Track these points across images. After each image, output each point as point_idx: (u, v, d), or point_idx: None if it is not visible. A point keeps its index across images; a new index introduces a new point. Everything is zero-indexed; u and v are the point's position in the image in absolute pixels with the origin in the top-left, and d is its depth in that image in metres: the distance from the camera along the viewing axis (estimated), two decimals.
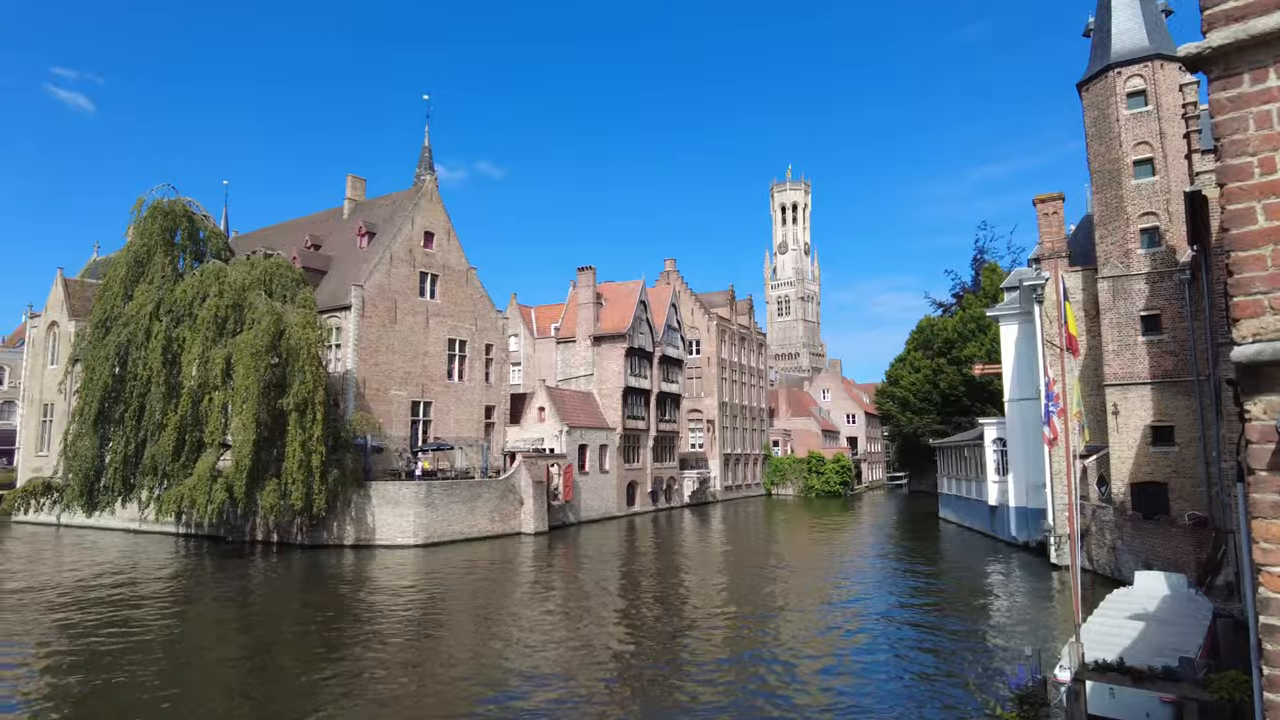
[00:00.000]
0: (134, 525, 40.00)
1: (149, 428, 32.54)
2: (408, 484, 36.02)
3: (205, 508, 31.30)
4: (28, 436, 53.36)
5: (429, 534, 35.39)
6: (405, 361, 40.68)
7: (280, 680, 15.54)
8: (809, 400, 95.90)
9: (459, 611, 22.32)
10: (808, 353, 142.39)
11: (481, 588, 26.30)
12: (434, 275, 43.09)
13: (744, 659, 16.50)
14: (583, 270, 54.52)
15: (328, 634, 19.21)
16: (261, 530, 36.81)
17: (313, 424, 32.08)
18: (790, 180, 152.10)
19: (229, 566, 30.55)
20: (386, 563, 30.90)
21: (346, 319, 38.73)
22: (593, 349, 53.05)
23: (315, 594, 25.58)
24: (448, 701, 14.06)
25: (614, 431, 50.90)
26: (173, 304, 33.69)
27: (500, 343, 47.02)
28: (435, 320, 42.68)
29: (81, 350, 35.68)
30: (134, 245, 36.13)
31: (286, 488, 31.59)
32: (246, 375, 31.14)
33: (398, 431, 39.51)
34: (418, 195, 43.83)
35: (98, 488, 33.68)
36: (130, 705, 13.76)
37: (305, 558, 32.53)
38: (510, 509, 39.87)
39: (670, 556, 34.73)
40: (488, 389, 45.60)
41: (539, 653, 17.25)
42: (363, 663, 16.49)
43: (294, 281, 36.01)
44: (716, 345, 69.00)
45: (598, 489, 48.75)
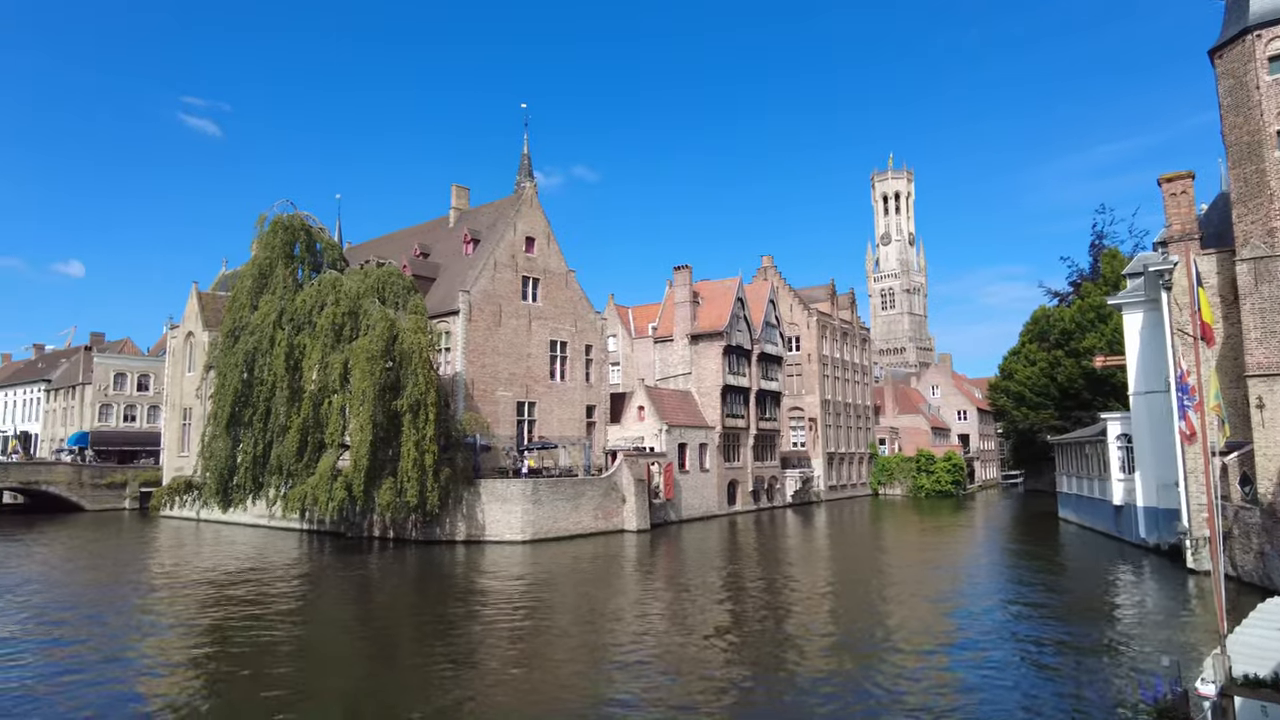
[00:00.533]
0: (263, 521, 42.68)
1: (275, 430, 34.59)
2: (515, 481, 37.01)
3: (326, 505, 33.08)
4: (170, 438, 57.81)
5: (536, 530, 36.22)
6: (510, 363, 41.80)
7: (397, 669, 16.23)
8: (917, 396, 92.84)
9: (567, 606, 22.74)
10: (914, 347, 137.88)
11: (588, 584, 26.71)
12: (535, 279, 44.09)
13: (851, 661, 16.12)
14: (679, 269, 54.58)
15: (442, 626, 19.95)
16: (378, 526, 38.60)
17: (425, 424, 33.40)
18: (892, 169, 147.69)
19: (349, 561, 32.18)
20: (496, 558, 31.82)
21: (455, 323, 40.13)
22: (690, 348, 53.02)
23: (430, 587, 26.62)
24: (557, 694, 14.34)
25: (713, 430, 50.72)
26: (294, 313, 35.69)
27: (599, 343, 47.65)
28: (537, 322, 43.66)
29: (214, 358, 38.29)
30: (258, 259, 38.54)
31: (402, 486, 33.01)
32: (363, 379, 32.70)
33: (504, 431, 40.63)
34: (518, 202, 44.94)
35: (231, 486, 36.01)
36: (261, 686, 14.68)
37: (419, 553, 33.88)
38: (613, 507, 40.34)
39: (774, 556, 34.33)
40: (588, 389, 46.28)
41: (646, 648, 17.37)
42: (475, 654, 17.04)
43: (405, 289, 37.56)
44: (817, 341, 67.72)
45: (698, 488, 48.70)
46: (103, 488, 59.72)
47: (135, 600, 23.72)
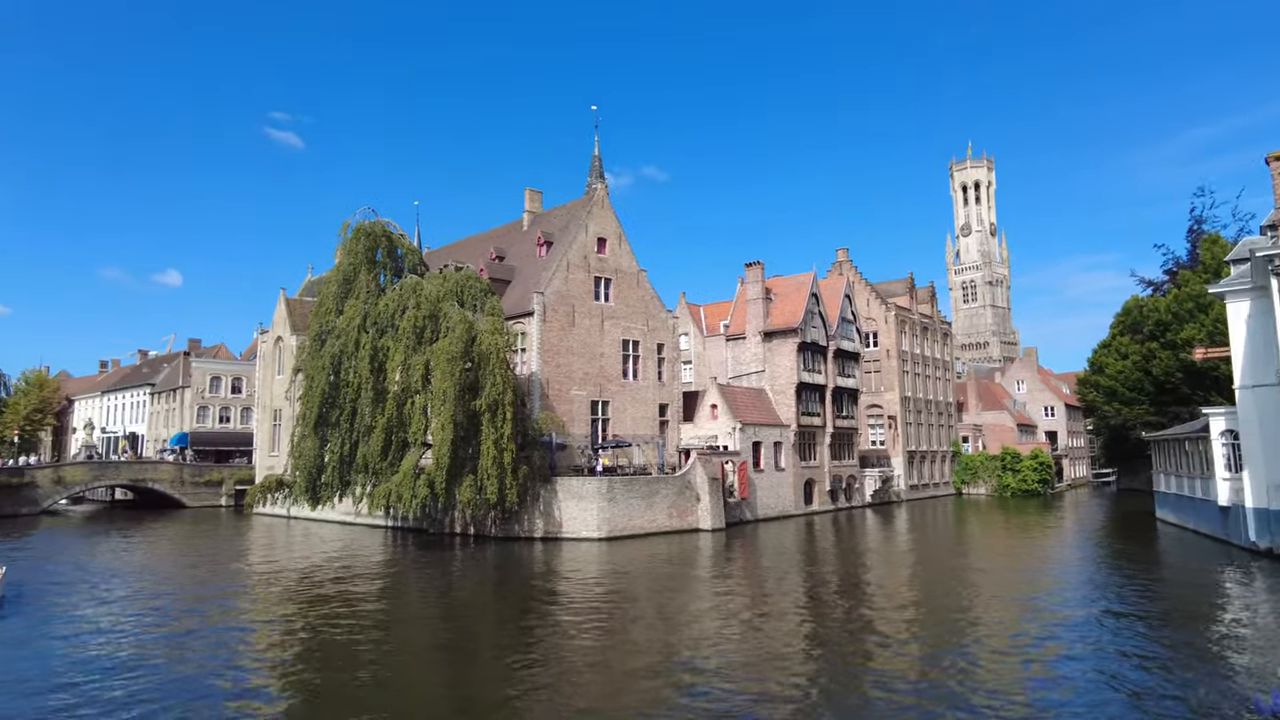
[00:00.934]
0: (349, 518, 44.25)
1: (360, 430, 35.78)
2: (590, 480, 37.38)
3: (410, 502, 34.07)
4: (262, 438, 60.53)
5: (611, 528, 36.50)
6: (584, 363, 42.24)
7: (477, 662, 16.61)
8: (1001, 392, 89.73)
9: (643, 604, 22.83)
10: (998, 341, 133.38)
11: (664, 582, 26.76)
12: (607, 279, 44.41)
13: (934, 666, 15.67)
14: (750, 266, 54.12)
15: (521, 620, 20.30)
16: (459, 523, 39.55)
17: (503, 423, 34.08)
18: (971, 159, 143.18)
19: (431, 556, 33.07)
20: (573, 555, 32.20)
21: (530, 324, 40.80)
22: (763, 345, 52.53)
23: (509, 583, 27.14)
24: (633, 691, 14.41)
25: (788, 428, 50.12)
26: (377, 316, 36.85)
27: (671, 341, 47.67)
28: (610, 322, 43.98)
29: (302, 361, 39.83)
30: (342, 265, 39.95)
31: (481, 483, 33.76)
32: (443, 379, 33.56)
33: (579, 429, 41.08)
34: (590, 203, 45.37)
35: (319, 484, 37.38)
36: (346, 674, 15.24)
37: (499, 549, 34.57)
38: (687, 505, 40.30)
39: (853, 556, 33.72)
40: (660, 387, 46.36)
41: (723, 647, 17.31)
42: (553, 649, 17.28)
43: (482, 291, 38.38)
44: (896, 336, 66.16)
45: (774, 487, 48.21)
46: (201, 486, 62.98)
47: (234, 592, 24.94)
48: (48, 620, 20.18)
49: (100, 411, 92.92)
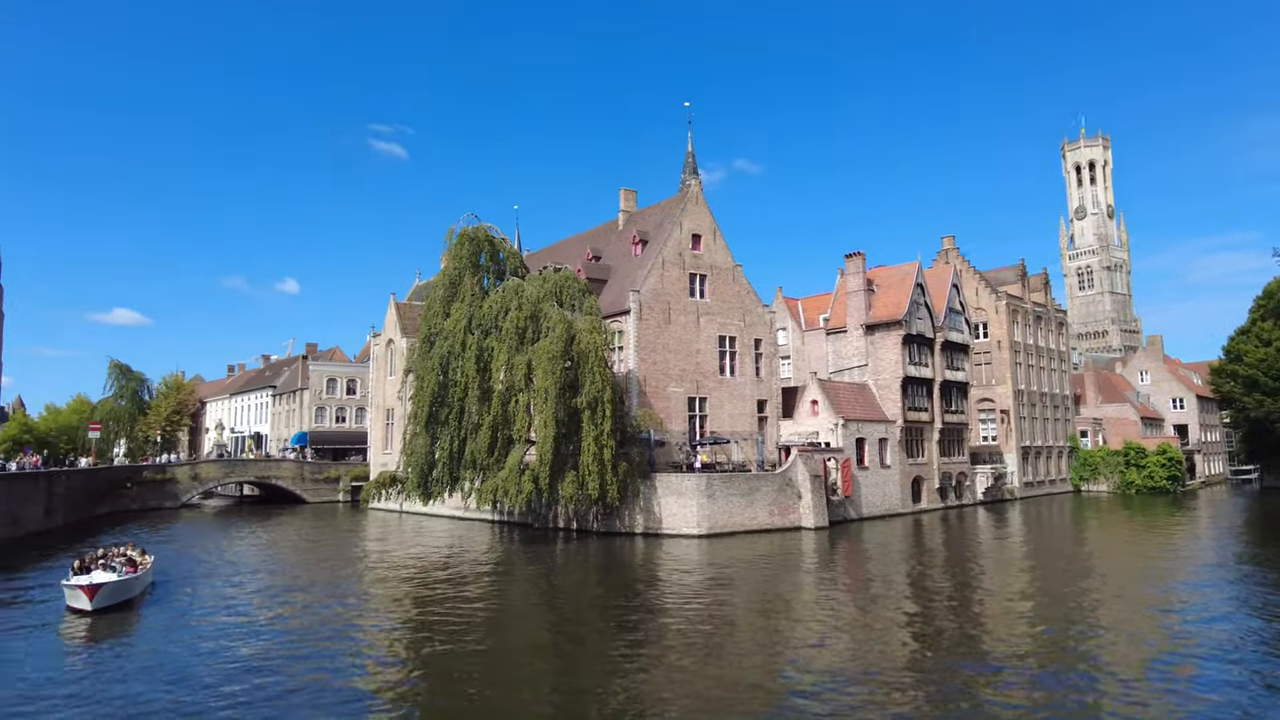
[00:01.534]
0: (459, 513, 45.79)
1: (468, 427, 36.96)
2: (689, 476, 37.41)
3: (515, 498, 34.98)
4: (375, 436, 63.39)
5: (711, 525, 36.41)
6: (680, 359, 42.29)
7: (582, 653, 16.92)
8: (1123, 384, 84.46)
9: (746, 601, 22.69)
10: (1118, 330, 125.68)
11: (766, 579, 26.51)
12: (702, 275, 44.30)
13: (1051, 676, 14.90)
14: (850, 257, 52.85)
15: (624, 615, 20.51)
16: (563, 518, 40.34)
17: (603, 420, 34.55)
18: (1085, 138, 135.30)
19: (536, 550, 33.87)
20: (674, 550, 32.31)
21: (626, 322, 41.18)
22: (866, 338, 51.21)
23: (611, 576, 27.48)
24: (735, 687, 14.33)
25: (893, 424, 48.71)
26: (481, 318, 37.98)
27: (769, 337, 47.10)
28: (705, 318, 43.86)
29: (412, 362, 41.46)
30: (448, 270, 41.38)
31: (583, 479, 34.34)
32: (545, 378, 34.30)
33: (676, 426, 41.17)
34: (684, 200, 45.36)
35: (430, 480, 38.80)
36: (458, 660, 15.79)
37: (601, 543, 35.06)
38: (788, 503, 39.77)
39: (964, 557, 32.48)
40: (758, 383, 45.89)
41: (827, 645, 17.01)
42: (655, 643, 17.38)
43: (580, 291, 38.99)
44: (1007, 327, 63.26)
45: (879, 484, 46.96)
46: (320, 482, 66.48)
47: (353, 584, 26.26)
48: (191, 607, 21.76)
49: (229, 413, 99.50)
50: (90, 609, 19.97)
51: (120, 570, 21.96)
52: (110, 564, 22.29)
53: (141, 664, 16.10)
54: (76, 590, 20.20)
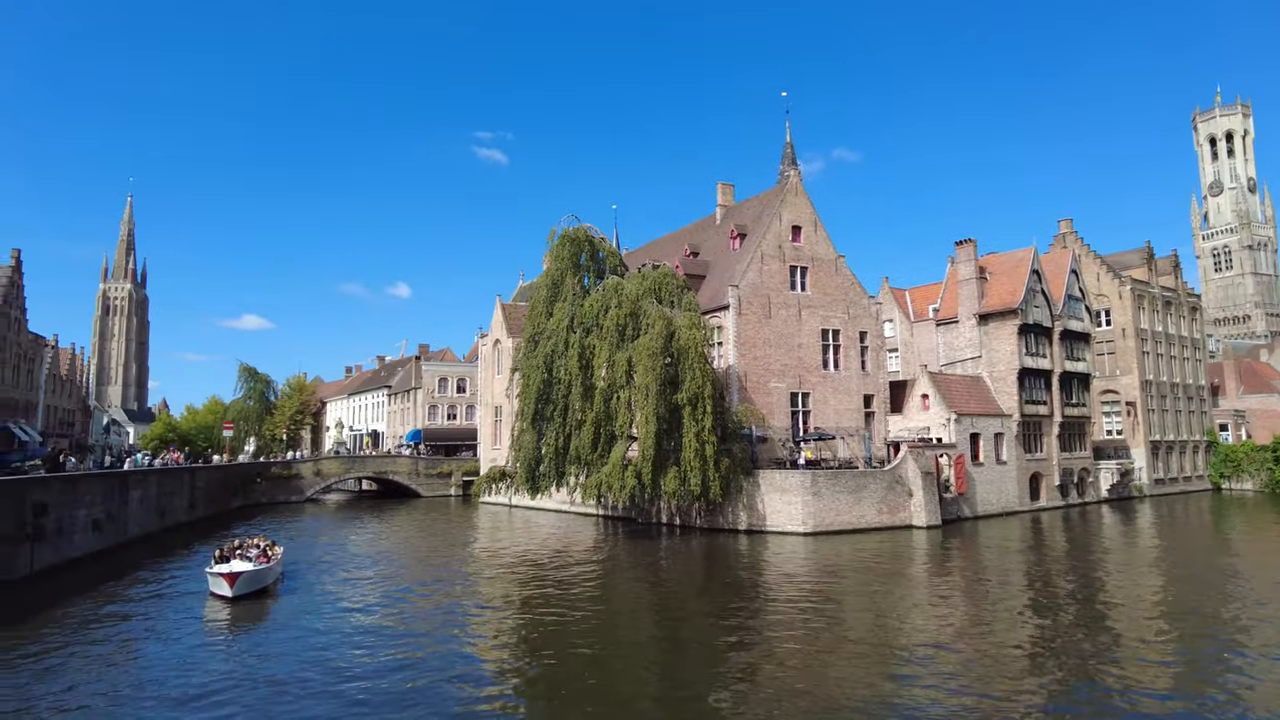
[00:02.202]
0: (565, 507, 46.70)
1: (572, 423, 37.61)
2: (794, 473, 36.88)
3: (619, 492, 35.39)
4: (484, 433, 65.42)
5: (817, 523, 35.78)
6: (781, 354, 41.70)
7: (687, 650, 16.94)
8: (1270, 372, 77.66)
9: (854, 601, 22.20)
10: (1262, 314, 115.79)
11: (876, 579, 25.83)
12: (803, 268, 43.52)
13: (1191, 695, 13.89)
14: (961, 244, 50.75)
15: (728, 612, 20.42)
16: (666, 513, 40.53)
17: (704, 416, 34.49)
18: (1220, 106, 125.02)
19: (640, 545, 34.17)
20: (778, 548, 31.94)
21: (726, 318, 40.94)
22: (978, 329, 49.09)
23: (715, 573, 27.42)
24: (841, 688, 14.03)
25: (1009, 418, 46.52)
26: (583, 317, 38.54)
27: (875, 329, 45.82)
28: (807, 311, 43.07)
29: (518, 361, 42.50)
30: (550, 270, 42.21)
31: (685, 475, 34.39)
32: (645, 374, 34.53)
33: (779, 422, 40.63)
34: (782, 192, 44.67)
35: (538, 475, 39.69)
36: (565, 653, 16.11)
37: (704, 540, 35.04)
38: (898, 501, 38.61)
39: (1089, 559, 30.69)
40: (865, 377, 44.71)
41: (942, 651, 16.43)
42: (761, 642, 17.23)
43: (679, 288, 39.02)
44: (1132, 313, 59.30)
45: (994, 481, 44.96)
46: (434, 477, 69.16)
47: (466, 575, 27.22)
48: (317, 597, 23.06)
49: (347, 411, 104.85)
50: (230, 595, 21.47)
51: (255, 560, 23.50)
52: (246, 554, 23.89)
53: (276, 646, 17.23)
54: (219, 578, 21.76)
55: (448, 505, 60.34)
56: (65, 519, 29.03)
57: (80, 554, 29.78)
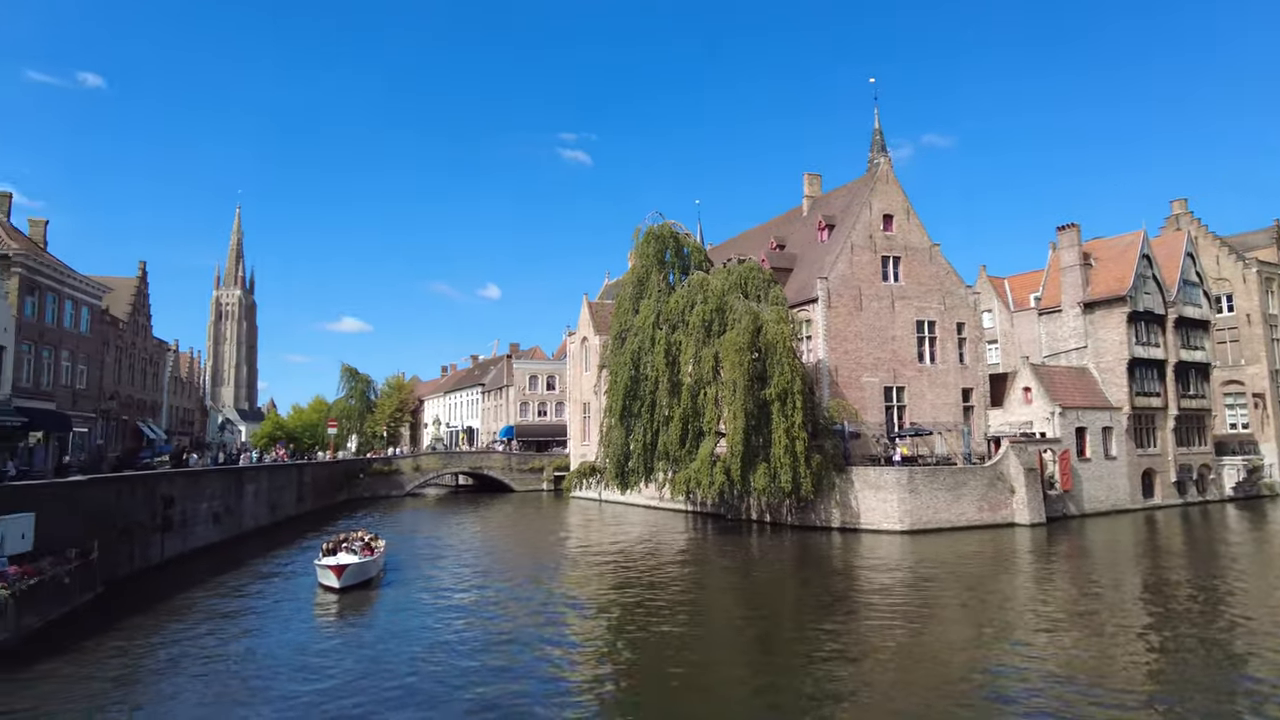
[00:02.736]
0: (654, 502, 46.93)
1: (660, 419, 37.76)
2: (889, 469, 35.97)
3: (708, 488, 35.32)
4: (574, 429, 66.40)
5: (913, 520, 34.80)
6: (874, 347, 40.69)
7: (779, 649, 16.74)
8: None
9: (953, 601, 21.50)
10: None
11: (976, 579, 24.92)
12: (895, 257, 42.32)
13: None
14: (1063, 229, 48.33)
15: (822, 611, 20.11)
16: (755, 510, 40.19)
17: (793, 411, 34.02)
18: None
19: (730, 541, 34.01)
20: (873, 546, 31.23)
21: (814, 311, 40.23)
22: (1084, 317, 46.66)
23: (807, 571, 27.04)
24: (941, 693, 13.59)
25: (1119, 411, 44.06)
26: (668, 313, 38.60)
27: (972, 320, 44.15)
28: (900, 303, 41.87)
29: (605, 358, 42.94)
30: (635, 268, 42.43)
31: (775, 471, 34.00)
32: (732, 370, 34.30)
33: (873, 417, 39.67)
34: (872, 180, 43.53)
35: (627, 470, 40.05)
36: (657, 649, 16.17)
37: (795, 537, 34.58)
38: (999, 498, 37.15)
39: (1212, 562, 28.72)
40: (962, 370, 43.15)
41: (1047, 657, 15.71)
42: (856, 643, 16.89)
43: (765, 282, 38.58)
44: (1259, 298, 55.12)
45: (1103, 477, 42.69)
46: (526, 472, 70.66)
47: (561, 569, 27.69)
48: (418, 589, 23.90)
49: (444, 409, 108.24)
50: (338, 587, 22.50)
51: (359, 553, 24.55)
52: (351, 547, 24.99)
53: (381, 634, 17.98)
54: (327, 570, 22.83)
55: (540, 500, 61.55)
56: (189, 511, 31.07)
57: (202, 544, 31.82)
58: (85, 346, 41.29)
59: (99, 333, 43.05)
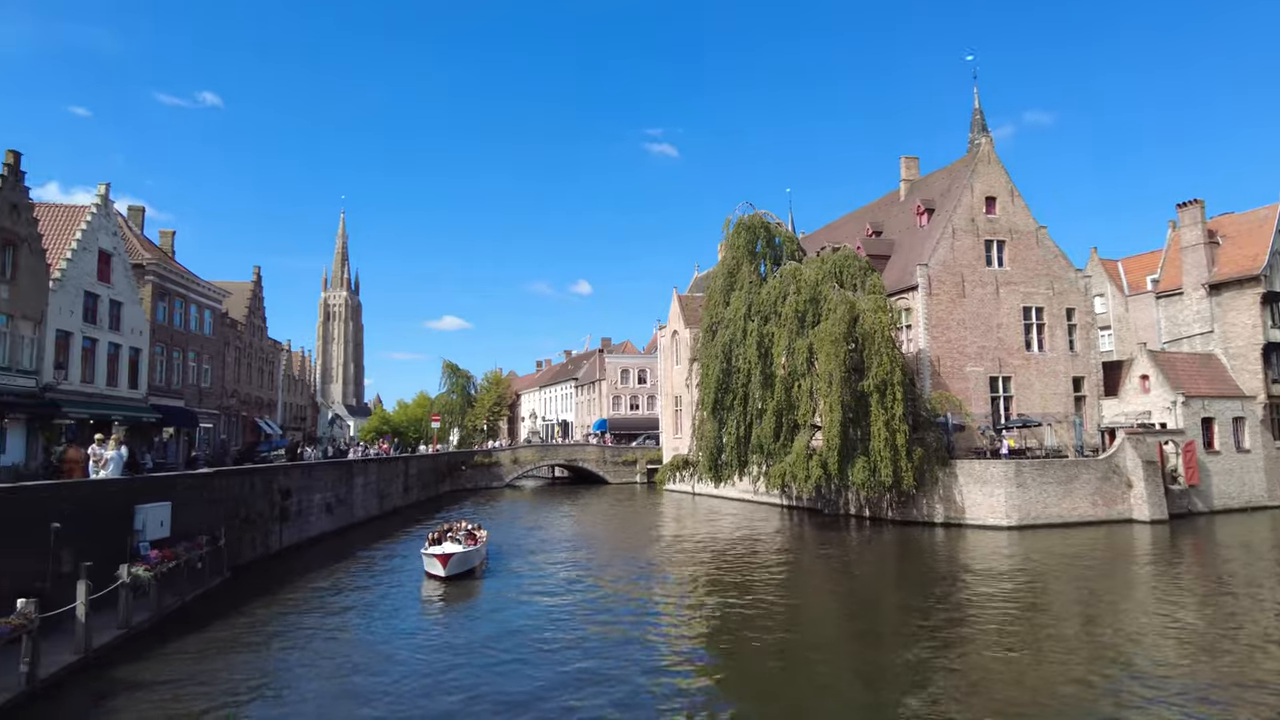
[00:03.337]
0: (748, 495, 46.58)
1: (753, 412, 37.39)
2: (995, 463, 34.58)
3: (804, 483, 34.76)
4: (665, 422, 66.61)
5: (1021, 516, 33.35)
6: (977, 336, 39.14)
7: (881, 648, 16.28)
8: None
9: (1066, 601, 20.50)
10: None
11: (1090, 578, 23.66)
12: (999, 241, 40.53)
13: None
14: (1184, 206, 45.13)
15: (925, 608, 19.49)
16: (854, 504, 39.35)
17: (893, 403, 33.11)
18: None
19: (828, 536, 33.42)
20: (978, 542, 30.11)
21: (914, 299, 39.01)
22: (1209, 300, 43.48)
23: (910, 567, 26.31)
24: (1051, 698, 12.94)
25: (1252, 400, 40.89)
26: (760, 305, 38.11)
27: (1083, 305, 41.86)
28: (1005, 289, 40.09)
29: (697, 351, 42.82)
30: (725, 259, 42.08)
31: (874, 465, 33.16)
32: (828, 361, 33.63)
33: (977, 409, 38.19)
34: (973, 161, 41.80)
35: (720, 463, 39.86)
36: (754, 646, 16.04)
37: (896, 532, 33.69)
38: (1115, 492, 35.15)
39: None
40: (1073, 358, 40.98)
41: (1171, 664, 14.75)
42: (961, 642, 16.29)
43: (861, 270, 37.62)
44: None
45: (1234, 472, 39.74)
46: (619, 464, 71.41)
47: (658, 563, 27.85)
48: (519, 578, 24.48)
49: (539, 403, 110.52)
50: (443, 575, 23.29)
51: (463, 543, 25.33)
52: (455, 537, 25.81)
53: (485, 622, 18.52)
54: (433, 559, 23.66)
55: (633, 492, 62.07)
56: (304, 502, 32.79)
57: (316, 533, 33.53)
58: (209, 348, 44.13)
59: (220, 334, 45.92)
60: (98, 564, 15.63)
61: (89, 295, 31.80)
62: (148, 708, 12.85)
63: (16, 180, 27.33)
